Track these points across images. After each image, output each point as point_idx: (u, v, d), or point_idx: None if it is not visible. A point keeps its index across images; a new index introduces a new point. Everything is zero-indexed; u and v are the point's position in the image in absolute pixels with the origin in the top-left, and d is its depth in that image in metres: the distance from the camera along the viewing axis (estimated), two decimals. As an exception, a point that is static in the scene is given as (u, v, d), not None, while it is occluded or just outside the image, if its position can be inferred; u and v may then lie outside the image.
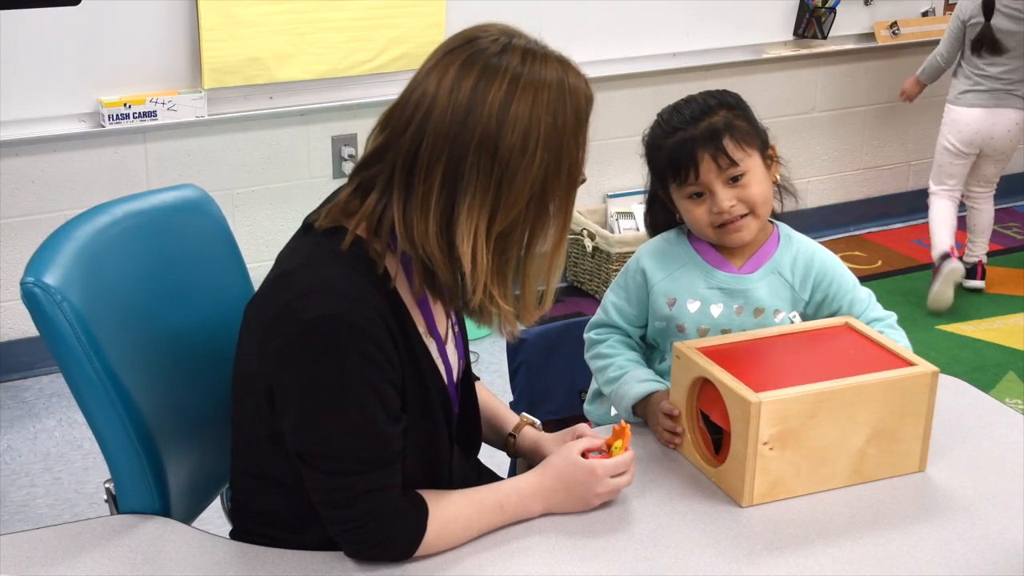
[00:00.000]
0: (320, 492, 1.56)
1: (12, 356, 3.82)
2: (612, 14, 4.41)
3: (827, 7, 4.78)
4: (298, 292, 1.52)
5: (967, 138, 4.53)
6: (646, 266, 2.04)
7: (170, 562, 1.62)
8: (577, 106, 1.55)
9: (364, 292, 1.53)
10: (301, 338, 1.50)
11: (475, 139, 1.49)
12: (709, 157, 1.91)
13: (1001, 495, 1.79)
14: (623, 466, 1.72)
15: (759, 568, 1.62)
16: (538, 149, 1.51)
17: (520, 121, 1.50)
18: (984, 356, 4.13)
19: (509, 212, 1.52)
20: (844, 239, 5.19)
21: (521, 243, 1.56)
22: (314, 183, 4.11)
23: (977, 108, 4.49)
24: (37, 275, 1.65)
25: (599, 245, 4.41)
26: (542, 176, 1.52)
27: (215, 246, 2.00)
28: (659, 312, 2.02)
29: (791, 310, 2.02)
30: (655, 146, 1.97)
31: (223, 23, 3.73)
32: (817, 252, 2.05)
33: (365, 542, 1.57)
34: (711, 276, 2.01)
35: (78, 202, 3.64)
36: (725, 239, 1.98)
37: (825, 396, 1.74)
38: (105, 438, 1.71)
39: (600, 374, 2.05)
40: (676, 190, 1.97)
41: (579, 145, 1.57)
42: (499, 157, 1.49)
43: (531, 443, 1.90)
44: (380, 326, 1.52)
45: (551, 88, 1.52)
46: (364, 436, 1.53)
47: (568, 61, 1.58)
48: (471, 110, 1.49)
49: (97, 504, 3.13)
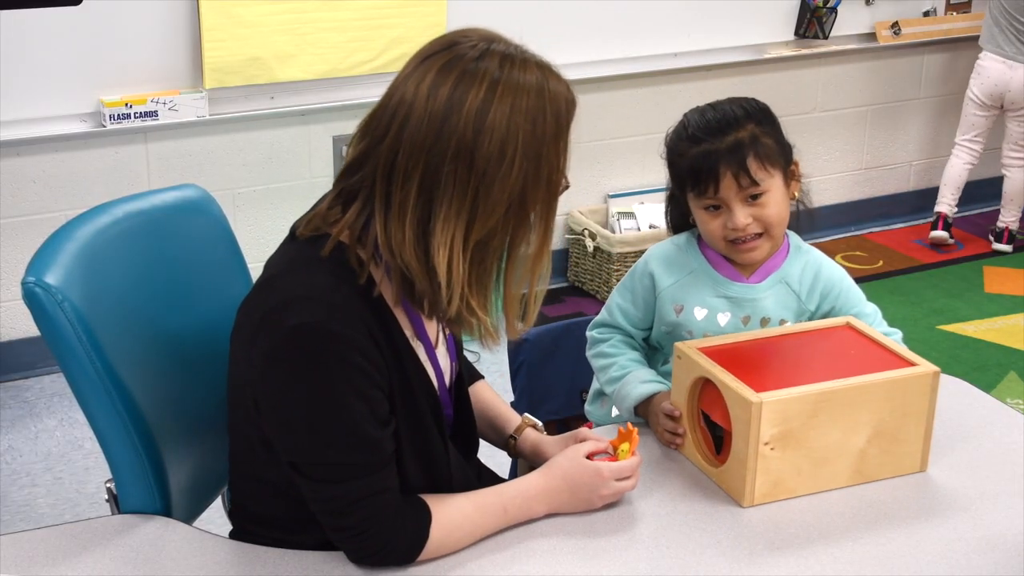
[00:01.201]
0: (316, 501, 1.56)
1: (13, 356, 3.82)
2: (613, 14, 4.40)
3: (828, 7, 4.78)
4: (280, 300, 1.52)
5: (988, 89, 4.81)
6: (655, 270, 2.03)
7: (171, 562, 1.62)
8: (557, 111, 1.52)
9: (345, 299, 1.51)
10: (283, 347, 1.49)
11: (451, 148, 1.47)
12: (731, 174, 1.88)
13: (1002, 495, 1.79)
14: (629, 470, 1.71)
15: (760, 568, 1.62)
16: (516, 157, 1.48)
17: (498, 129, 1.47)
18: (985, 356, 4.13)
19: (487, 221, 1.49)
20: (845, 239, 5.19)
21: (500, 252, 1.54)
22: (315, 183, 4.11)
23: (998, 58, 4.75)
24: (38, 275, 1.65)
25: (600, 245, 4.41)
26: (520, 184, 1.50)
27: (216, 246, 2.00)
28: (666, 318, 2.02)
29: (796, 320, 2.02)
30: (677, 152, 1.95)
31: (224, 23, 3.73)
32: (825, 264, 2.05)
33: (365, 548, 1.57)
34: (719, 285, 2.00)
35: (79, 202, 3.64)
36: (736, 255, 1.97)
37: (826, 396, 1.74)
38: (106, 438, 1.71)
39: (602, 373, 2.05)
40: (694, 199, 1.95)
41: (559, 151, 1.53)
42: (476, 166, 1.47)
43: (532, 445, 1.89)
44: (363, 332, 1.51)
45: (530, 93, 1.49)
46: (353, 442, 1.52)
47: (549, 66, 1.55)
48: (447, 118, 1.47)
49: (98, 504, 3.13)
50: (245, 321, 1.58)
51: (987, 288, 4.72)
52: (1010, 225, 5.00)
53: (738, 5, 4.65)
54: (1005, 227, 5.00)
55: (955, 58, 5.22)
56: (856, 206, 5.29)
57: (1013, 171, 4.94)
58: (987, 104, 4.86)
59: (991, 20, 4.78)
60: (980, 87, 4.84)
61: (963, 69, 5.15)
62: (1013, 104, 4.80)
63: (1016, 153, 4.89)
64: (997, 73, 4.77)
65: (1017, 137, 4.87)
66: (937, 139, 5.36)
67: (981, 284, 4.76)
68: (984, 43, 4.83)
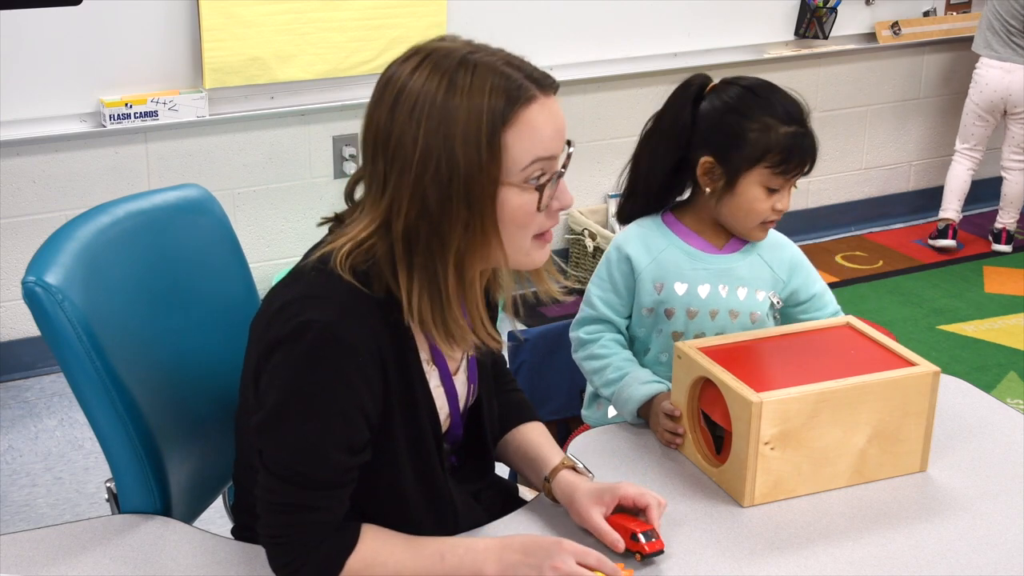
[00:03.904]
0: (261, 489, 1.54)
1: (13, 356, 3.82)
2: (613, 14, 4.40)
3: (828, 7, 4.78)
4: (301, 293, 1.51)
5: (988, 98, 4.80)
6: (631, 252, 2.04)
7: (171, 562, 1.62)
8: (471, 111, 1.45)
9: (365, 310, 1.50)
10: (289, 337, 1.48)
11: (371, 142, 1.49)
12: (809, 162, 1.98)
13: (1002, 495, 1.79)
14: (593, 559, 1.53)
15: (760, 568, 1.62)
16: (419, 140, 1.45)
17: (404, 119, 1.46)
18: (985, 356, 4.13)
19: (400, 215, 1.48)
20: (844, 239, 5.19)
21: (434, 251, 1.48)
22: (315, 183, 4.11)
23: (994, 63, 4.74)
24: (38, 275, 1.65)
25: (600, 245, 4.41)
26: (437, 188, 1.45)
27: (217, 246, 1.99)
28: (647, 298, 2.03)
29: (771, 290, 2.06)
30: (758, 122, 1.96)
31: (224, 23, 3.73)
32: (785, 240, 2.12)
33: (278, 557, 1.53)
34: (695, 259, 2.03)
35: (79, 202, 3.65)
36: (759, 235, 2.03)
37: (826, 396, 1.74)
38: (106, 437, 1.71)
39: (597, 375, 2.05)
40: (756, 173, 1.96)
41: (478, 147, 1.45)
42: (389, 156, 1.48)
43: (565, 490, 1.70)
44: (370, 349, 1.50)
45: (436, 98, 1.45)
46: (313, 454, 1.50)
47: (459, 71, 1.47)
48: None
49: (98, 504, 3.14)
50: (266, 308, 1.56)
51: (987, 288, 4.72)
52: (1007, 226, 4.99)
53: (738, 5, 4.66)
54: (1003, 228, 4.99)
55: (955, 58, 5.22)
56: (856, 206, 5.29)
57: (1013, 174, 4.93)
58: (987, 115, 4.85)
59: (985, 24, 4.79)
60: (980, 97, 4.82)
61: (963, 69, 5.15)
62: (1015, 108, 4.78)
63: (1016, 156, 4.89)
64: (995, 79, 4.75)
65: (1018, 140, 4.86)
66: (937, 139, 5.36)
67: (981, 284, 4.76)
68: (978, 48, 4.82)
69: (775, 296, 2.06)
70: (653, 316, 2.04)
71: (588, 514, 1.64)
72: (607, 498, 1.64)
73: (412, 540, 1.58)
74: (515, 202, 1.49)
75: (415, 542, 1.58)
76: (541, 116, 1.48)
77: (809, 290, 2.10)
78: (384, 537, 1.57)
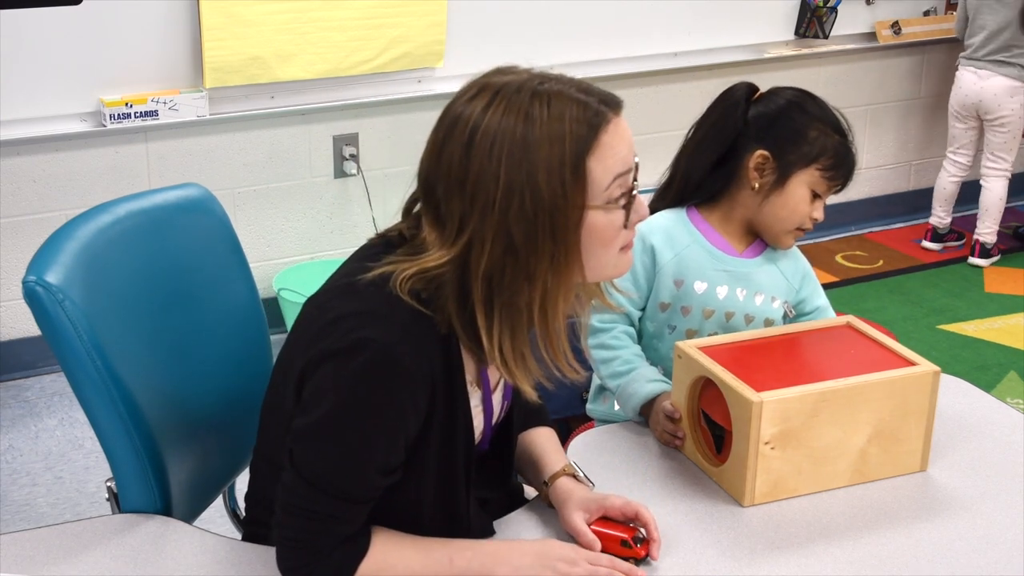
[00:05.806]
0: (286, 491, 1.54)
1: (13, 355, 3.82)
2: (613, 14, 4.40)
3: (828, 6, 4.78)
4: (360, 308, 1.49)
5: (960, 100, 4.85)
6: (655, 244, 2.04)
7: (171, 561, 1.62)
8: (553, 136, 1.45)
9: (422, 331, 1.49)
10: (344, 351, 1.47)
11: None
12: (850, 177, 2.04)
13: (1002, 495, 1.79)
14: (606, 562, 1.58)
15: (760, 568, 1.62)
16: (500, 181, 1.44)
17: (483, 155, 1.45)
18: (985, 356, 4.13)
19: (482, 255, 1.47)
20: (844, 239, 5.19)
21: (516, 291, 1.48)
22: (315, 183, 4.11)
23: (970, 68, 4.79)
24: (39, 274, 1.65)
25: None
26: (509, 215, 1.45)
27: (217, 245, 1.99)
28: (663, 293, 2.03)
29: (785, 299, 2.07)
30: (815, 127, 2.01)
31: (224, 22, 3.73)
32: (799, 252, 2.14)
33: (290, 559, 1.54)
34: (716, 259, 2.03)
35: (80, 201, 3.65)
36: (789, 241, 2.06)
37: (827, 396, 1.74)
38: (106, 437, 1.71)
39: (604, 366, 2.05)
40: (808, 173, 2.00)
41: (563, 178, 1.45)
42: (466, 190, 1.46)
43: (561, 497, 1.72)
44: (424, 371, 1.49)
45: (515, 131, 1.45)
46: (350, 470, 1.51)
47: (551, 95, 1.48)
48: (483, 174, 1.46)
49: (98, 503, 3.14)
50: (318, 315, 1.54)
51: (987, 288, 4.72)
52: (982, 238, 4.91)
53: (738, 5, 4.66)
54: (977, 240, 4.92)
55: (955, 58, 5.22)
56: (856, 206, 5.29)
57: (990, 181, 4.88)
58: (962, 115, 4.86)
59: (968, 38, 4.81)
60: (954, 99, 4.87)
61: (963, 69, 5.15)
62: (987, 114, 4.79)
63: (992, 163, 4.86)
64: (968, 83, 4.79)
65: (994, 147, 4.83)
66: (937, 139, 5.35)
67: (981, 284, 4.77)
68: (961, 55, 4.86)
69: (788, 306, 2.06)
70: (668, 312, 2.04)
71: (570, 517, 1.66)
72: (593, 507, 1.67)
73: (421, 543, 1.59)
74: (601, 223, 1.51)
75: (424, 545, 1.58)
76: (616, 136, 1.50)
77: (813, 303, 2.12)
78: (394, 541, 1.58)
